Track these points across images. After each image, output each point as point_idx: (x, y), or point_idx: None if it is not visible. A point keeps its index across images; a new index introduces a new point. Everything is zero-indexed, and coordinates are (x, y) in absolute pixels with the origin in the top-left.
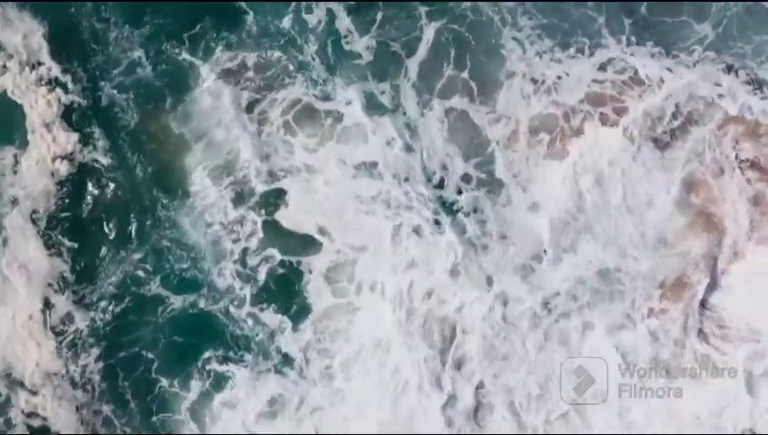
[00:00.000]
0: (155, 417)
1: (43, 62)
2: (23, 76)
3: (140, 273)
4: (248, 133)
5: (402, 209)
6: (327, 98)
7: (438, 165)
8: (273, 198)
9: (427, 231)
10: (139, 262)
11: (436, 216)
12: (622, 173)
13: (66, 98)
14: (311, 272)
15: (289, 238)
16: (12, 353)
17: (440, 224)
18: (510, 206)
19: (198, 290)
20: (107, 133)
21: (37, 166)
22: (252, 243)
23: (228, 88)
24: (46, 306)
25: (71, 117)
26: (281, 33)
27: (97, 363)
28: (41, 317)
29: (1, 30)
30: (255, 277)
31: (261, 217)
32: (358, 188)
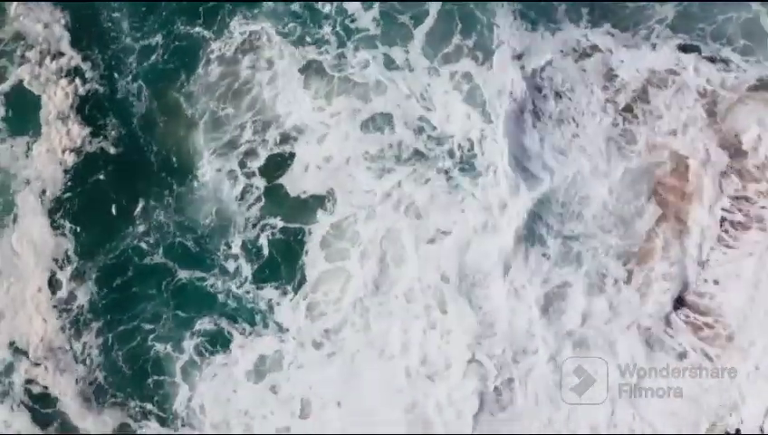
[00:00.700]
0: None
1: (63, 53)
2: (43, 67)
3: (143, 245)
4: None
5: (415, 159)
6: (341, 57)
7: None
8: (279, 163)
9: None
10: (142, 235)
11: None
12: None
13: (83, 88)
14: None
15: (293, 204)
16: (19, 325)
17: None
18: None
19: (202, 262)
20: (119, 120)
21: (47, 154)
22: (253, 212)
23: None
24: (51, 285)
25: (85, 108)
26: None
27: (98, 338)
28: (48, 293)
29: (23, 19)
30: (257, 245)
31: (265, 184)
32: (368, 143)
